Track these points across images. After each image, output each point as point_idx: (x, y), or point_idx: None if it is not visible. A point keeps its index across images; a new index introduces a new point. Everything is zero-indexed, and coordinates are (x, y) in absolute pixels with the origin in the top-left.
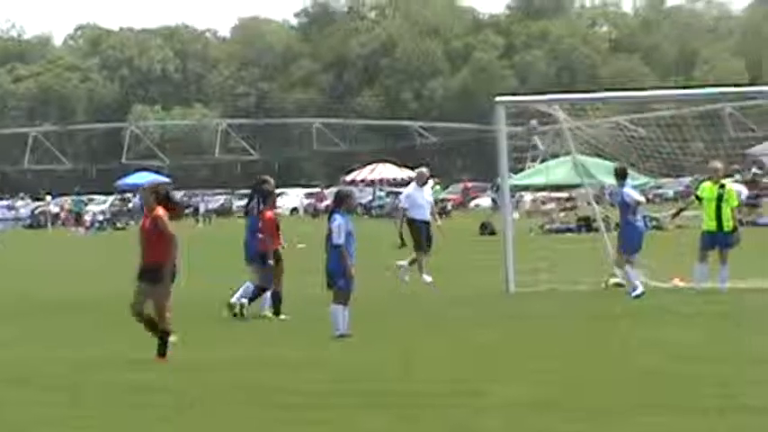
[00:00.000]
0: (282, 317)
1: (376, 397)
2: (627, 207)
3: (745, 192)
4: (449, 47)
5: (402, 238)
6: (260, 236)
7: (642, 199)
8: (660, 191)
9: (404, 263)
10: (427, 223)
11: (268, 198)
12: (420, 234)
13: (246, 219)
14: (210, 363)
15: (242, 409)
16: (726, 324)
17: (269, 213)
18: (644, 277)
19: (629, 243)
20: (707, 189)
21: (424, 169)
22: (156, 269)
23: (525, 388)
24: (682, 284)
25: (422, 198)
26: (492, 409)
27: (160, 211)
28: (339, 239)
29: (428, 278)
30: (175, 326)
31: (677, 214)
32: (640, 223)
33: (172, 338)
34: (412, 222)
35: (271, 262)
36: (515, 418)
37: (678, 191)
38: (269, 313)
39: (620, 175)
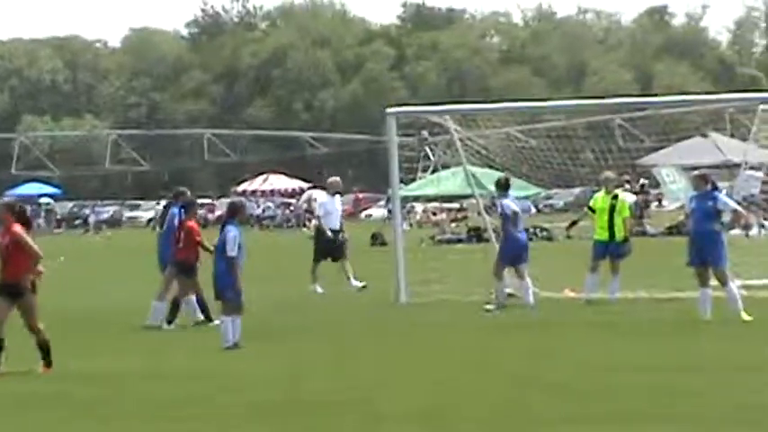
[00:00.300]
0: (216, 321)
1: (264, 408)
2: (507, 218)
3: (632, 198)
4: (340, 58)
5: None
6: (180, 245)
7: (518, 209)
8: (551, 201)
9: (356, 283)
10: (336, 232)
11: (190, 208)
12: (323, 244)
13: (161, 230)
14: (101, 373)
15: (130, 421)
16: (613, 334)
17: (191, 223)
18: (535, 288)
19: (507, 254)
20: (599, 199)
21: (336, 178)
22: (15, 284)
23: (414, 398)
24: (573, 295)
25: (332, 207)
26: (381, 419)
27: (17, 227)
28: (233, 251)
29: (358, 283)
30: (68, 336)
31: (571, 226)
32: (522, 234)
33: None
34: (319, 231)
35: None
36: (404, 428)
37: (569, 201)
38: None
39: (502, 186)
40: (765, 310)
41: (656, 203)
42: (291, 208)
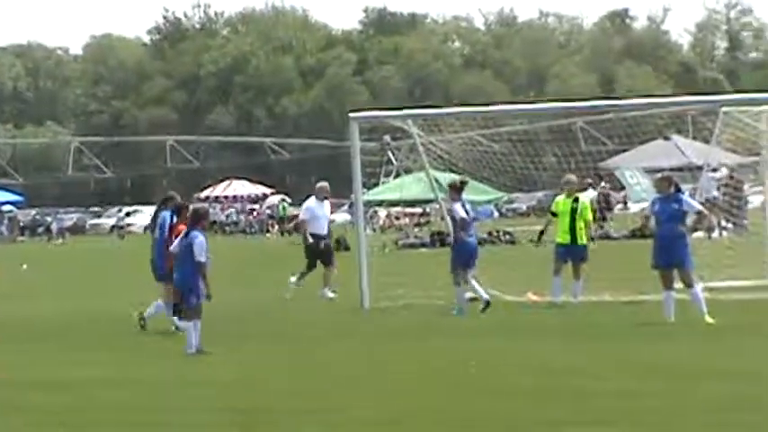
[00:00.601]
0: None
1: (227, 414)
2: (455, 223)
3: (592, 194)
4: (302, 63)
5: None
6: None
7: (464, 215)
8: (514, 205)
9: (328, 294)
10: (324, 237)
11: (181, 212)
12: (312, 250)
13: (152, 236)
14: (64, 381)
15: (96, 429)
16: (578, 338)
17: (182, 227)
18: (497, 292)
19: (459, 259)
20: (561, 203)
21: (324, 183)
22: None
23: (379, 405)
24: (536, 299)
25: (321, 212)
26: (342, 426)
27: None
28: (202, 256)
29: (330, 294)
30: (31, 343)
31: (540, 236)
32: (472, 239)
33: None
34: (307, 237)
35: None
36: None
37: (531, 205)
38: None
39: (454, 190)
40: (728, 312)
41: (620, 206)
42: (255, 214)
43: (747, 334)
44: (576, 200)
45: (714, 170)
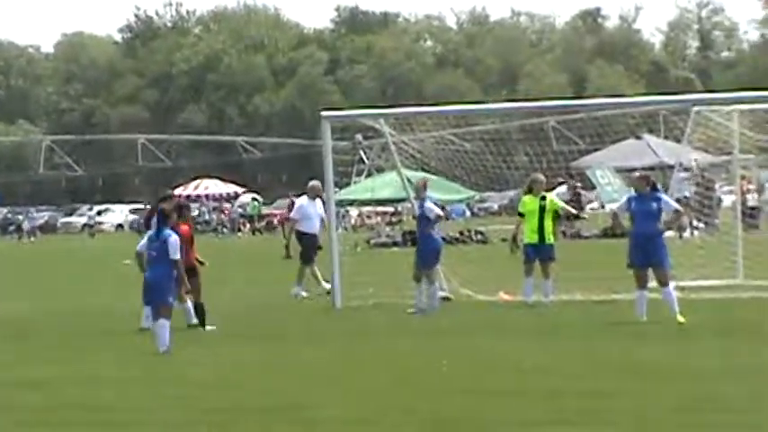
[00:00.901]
0: (209, 328)
1: (197, 413)
2: (426, 221)
3: (560, 190)
4: (274, 62)
5: (288, 250)
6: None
7: (441, 213)
8: (486, 204)
9: (298, 290)
10: (315, 236)
11: (183, 211)
12: (307, 247)
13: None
14: (35, 380)
15: (62, 428)
16: (550, 337)
17: (184, 227)
18: (469, 291)
19: (426, 257)
20: (528, 202)
21: (317, 182)
22: None
23: (348, 404)
24: (507, 298)
25: (313, 211)
26: (313, 424)
27: None
28: (177, 254)
29: (303, 293)
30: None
31: (514, 241)
32: (438, 237)
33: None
34: (301, 235)
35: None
36: None
37: (503, 204)
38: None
39: (420, 189)
40: (699, 312)
41: (595, 205)
42: (226, 212)
43: (718, 333)
44: (544, 198)
45: (686, 169)
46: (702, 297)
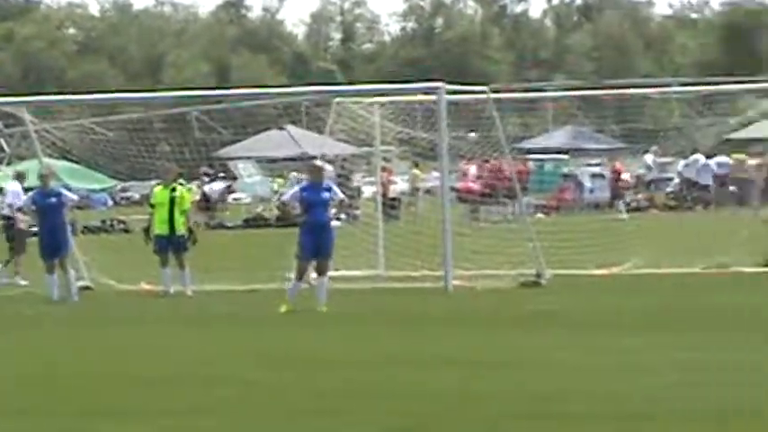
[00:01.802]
0: None
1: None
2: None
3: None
4: None
5: None
6: None
7: (76, 198)
8: (128, 194)
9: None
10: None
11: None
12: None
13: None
14: None
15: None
16: (196, 326)
17: None
18: (111, 281)
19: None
20: (159, 193)
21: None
22: None
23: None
24: (149, 288)
25: None
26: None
27: None
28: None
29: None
30: None
31: (147, 233)
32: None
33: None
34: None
35: None
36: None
37: (145, 194)
38: None
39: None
40: (341, 302)
41: (233, 195)
42: None
43: (359, 322)
44: (174, 189)
45: (330, 162)
46: (344, 287)
